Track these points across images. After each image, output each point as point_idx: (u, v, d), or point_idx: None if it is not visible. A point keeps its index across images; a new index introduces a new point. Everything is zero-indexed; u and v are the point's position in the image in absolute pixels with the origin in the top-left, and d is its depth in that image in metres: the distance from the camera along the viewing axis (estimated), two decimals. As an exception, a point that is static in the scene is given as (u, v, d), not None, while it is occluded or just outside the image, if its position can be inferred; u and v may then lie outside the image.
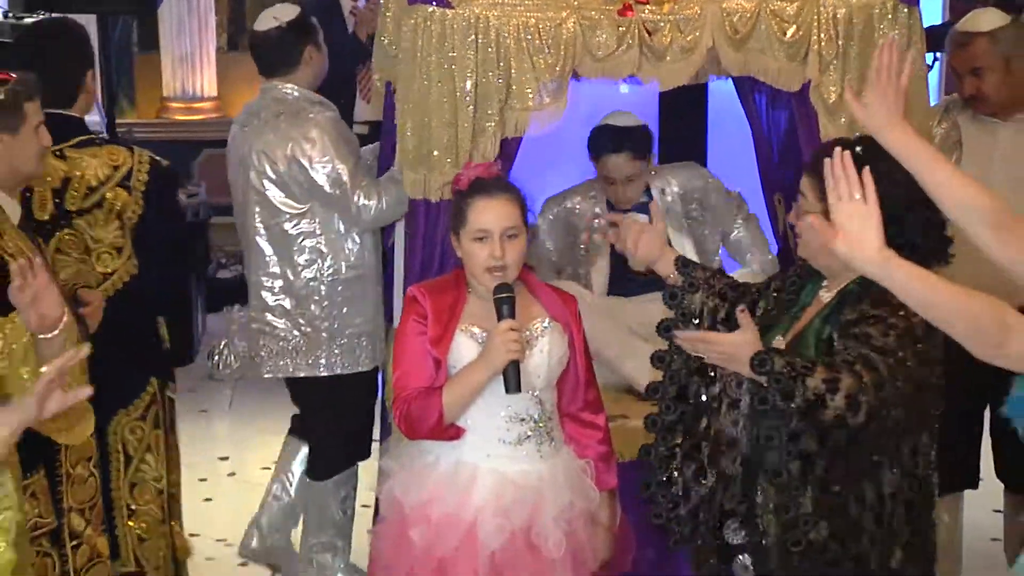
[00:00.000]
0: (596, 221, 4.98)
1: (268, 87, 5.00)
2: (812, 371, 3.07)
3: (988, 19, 4.72)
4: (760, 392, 3.15)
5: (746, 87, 4.78)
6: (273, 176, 4.90)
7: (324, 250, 4.91)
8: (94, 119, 7.31)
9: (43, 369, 3.06)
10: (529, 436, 3.74)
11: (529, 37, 4.14)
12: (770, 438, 3.22)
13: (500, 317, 3.60)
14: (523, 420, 3.72)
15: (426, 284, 3.91)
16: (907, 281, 2.60)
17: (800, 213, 3.41)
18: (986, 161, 4.75)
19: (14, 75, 3.87)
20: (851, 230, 2.64)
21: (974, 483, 4.99)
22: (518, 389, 3.61)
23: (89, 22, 7.11)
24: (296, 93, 4.95)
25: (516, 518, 3.67)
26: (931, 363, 3.32)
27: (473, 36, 4.13)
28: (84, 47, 4.81)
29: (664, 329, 3.57)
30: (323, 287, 4.92)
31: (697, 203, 5.00)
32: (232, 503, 5.83)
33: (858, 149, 3.23)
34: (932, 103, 5.03)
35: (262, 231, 4.96)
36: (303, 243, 4.92)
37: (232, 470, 6.29)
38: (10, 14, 7.55)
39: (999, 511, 5.33)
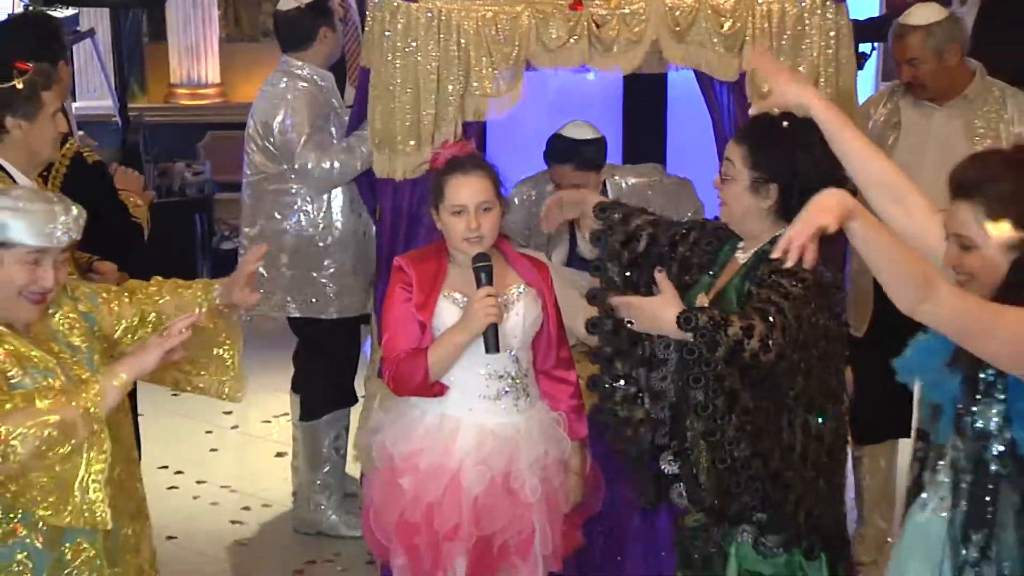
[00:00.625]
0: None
1: (283, 61, 5.06)
2: (731, 321, 3.08)
3: (924, 14, 4.73)
4: (688, 345, 3.14)
5: (705, 76, 4.76)
6: (256, 138, 5.00)
7: (295, 207, 4.98)
8: (106, 104, 7.37)
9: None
10: (507, 392, 3.75)
11: (486, 29, 4.12)
12: (697, 379, 3.21)
13: (479, 284, 3.61)
14: (501, 377, 3.73)
15: (411, 254, 3.92)
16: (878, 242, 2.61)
17: (724, 178, 3.40)
18: (922, 142, 4.77)
19: (32, 66, 3.89)
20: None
21: (907, 432, 5.00)
22: (496, 349, 3.63)
23: (102, 15, 7.18)
24: (305, 70, 4.99)
25: (496, 466, 3.69)
26: (835, 313, 3.36)
27: (435, 28, 4.12)
28: (55, 40, 4.77)
29: (592, 297, 3.54)
30: (292, 239, 5.00)
31: (652, 190, 4.91)
32: (235, 453, 5.87)
33: (785, 124, 3.30)
34: (872, 91, 5.08)
35: (247, 186, 5.12)
36: (280, 199, 5.01)
37: (235, 423, 6.29)
38: (30, 7, 7.55)
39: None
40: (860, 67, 6.22)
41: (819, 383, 3.40)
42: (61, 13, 7.58)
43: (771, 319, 3.12)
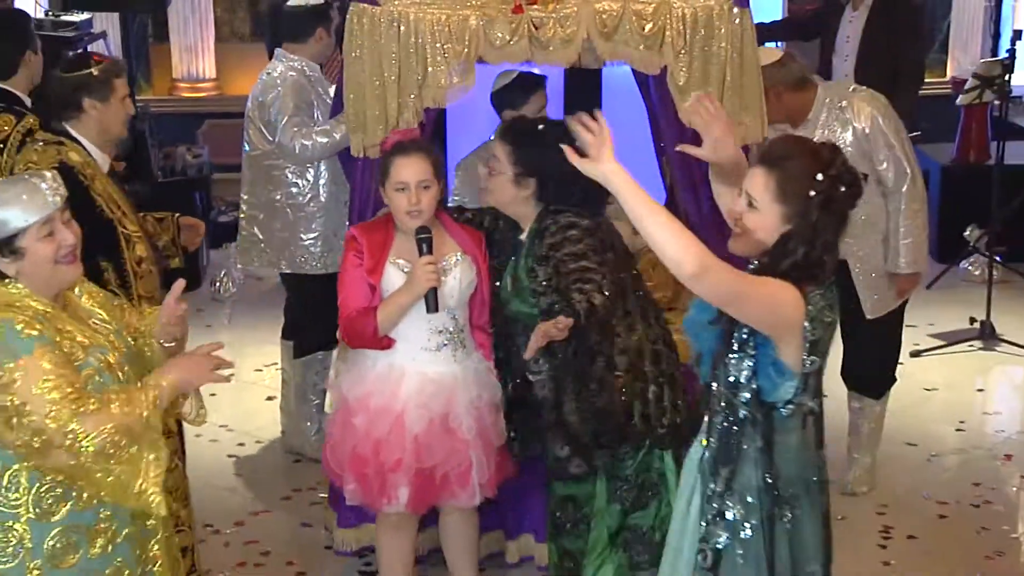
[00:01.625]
0: None
1: (280, 52, 5.07)
2: (588, 295, 3.44)
3: (761, 57, 4.58)
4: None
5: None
6: (253, 118, 5.03)
7: (286, 180, 5.01)
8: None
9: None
10: (446, 344, 3.78)
11: (440, 30, 4.10)
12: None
13: (421, 253, 3.64)
14: (440, 332, 3.76)
15: (362, 224, 3.94)
16: (623, 189, 2.64)
17: (493, 172, 3.68)
18: None
19: (107, 57, 4.08)
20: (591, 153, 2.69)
21: (893, 383, 5.09)
22: (436, 309, 3.66)
23: (113, 19, 7.17)
24: (297, 62, 5.00)
25: (435, 408, 3.73)
26: (610, 251, 3.66)
27: (396, 28, 4.10)
28: (21, 32, 4.72)
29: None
30: (283, 207, 5.05)
31: None
32: (231, 397, 5.83)
33: (540, 127, 3.68)
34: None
35: (247, 160, 5.15)
36: (273, 173, 5.05)
37: (230, 371, 6.29)
38: (50, 12, 7.49)
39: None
40: (766, 64, 6.26)
41: (625, 326, 3.70)
42: (77, 17, 7.54)
43: (586, 290, 3.47)
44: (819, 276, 2.78)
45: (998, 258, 6.97)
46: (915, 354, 6.26)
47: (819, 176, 2.72)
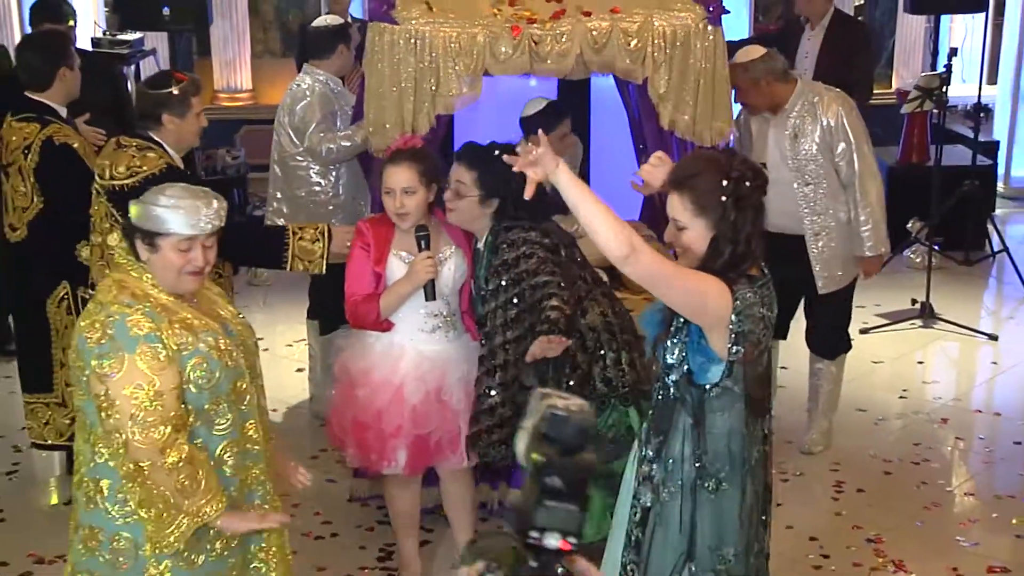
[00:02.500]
0: None
1: (307, 67, 5.05)
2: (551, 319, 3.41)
3: (745, 53, 4.72)
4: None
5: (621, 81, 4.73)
6: (282, 124, 5.00)
7: (309, 178, 4.99)
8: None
9: None
10: (440, 327, 3.76)
11: (451, 45, 4.10)
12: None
13: (420, 248, 3.63)
14: (435, 316, 3.75)
15: (370, 219, 3.92)
16: (568, 186, 2.61)
17: (457, 193, 3.64)
18: (764, 145, 4.79)
19: (187, 76, 4.03)
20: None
21: (784, 335, 5.12)
22: (434, 298, 3.67)
23: (162, 37, 7.17)
24: (323, 77, 4.98)
25: (430, 382, 3.72)
26: (557, 254, 3.63)
27: (412, 44, 4.10)
28: (58, 50, 4.67)
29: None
30: (307, 204, 5.04)
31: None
32: (265, 369, 5.80)
33: (497, 152, 3.42)
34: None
35: (276, 161, 5.10)
36: (298, 173, 5.03)
37: (265, 347, 6.26)
38: (107, 32, 7.47)
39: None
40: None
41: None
42: (131, 36, 7.53)
43: (552, 296, 3.45)
44: (750, 265, 2.74)
45: (936, 247, 7.01)
46: (864, 331, 6.26)
47: (724, 182, 2.68)
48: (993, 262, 7.46)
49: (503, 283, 3.58)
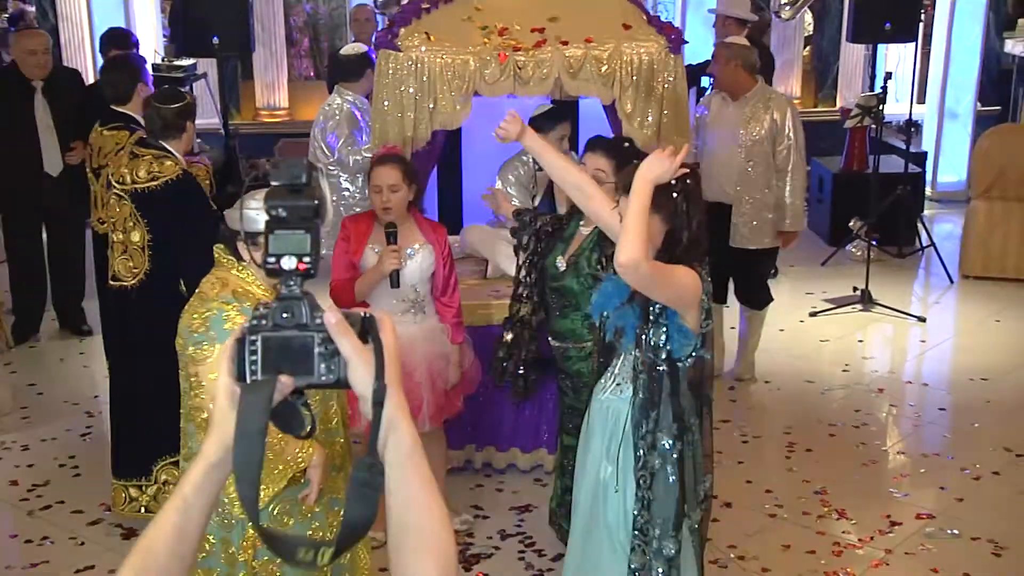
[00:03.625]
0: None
1: (338, 88, 5.02)
2: None
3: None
4: None
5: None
6: (316, 138, 4.97)
7: (339, 184, 4.98)
8: (215, 121, 7.33)
9: None
10: (409, 310, 3.73)
11: (447, 70, 4.05)
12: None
13: (388, 242, 3.59)
14: (404, 301, 3.71)
15: (352, 217, 3.92)
16: (542, 153, 2.87)
17: (597, 181, 3.33)
18: (718, 124, 5.10)
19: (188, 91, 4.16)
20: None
21: (724, 299, 5.28)
22: (397, 286, 3.62)
23: (212, 63, 7.13)
24: (351, 98, 4.94)
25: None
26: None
27: (413, 69, 4.05)
28: (135, 69, 4.71)
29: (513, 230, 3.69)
30: (336, 205, 5.11)
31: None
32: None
33: (626, 144, 3.45)
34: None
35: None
36: (329, 179, 5.03)
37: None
38: (165, 58, 7.44)
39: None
40: (701, 94, 6.19)
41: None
42: (186, 62, 7.49)
43: None
44: (702, 250, 2.77)
45: (874, 242, 6.94)
46: (813, 314, 6.23)
47: (674, 181, 2.66)
48: (922, 255, 7.42)
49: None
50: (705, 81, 6.24)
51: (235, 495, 2.44)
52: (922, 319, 6.29)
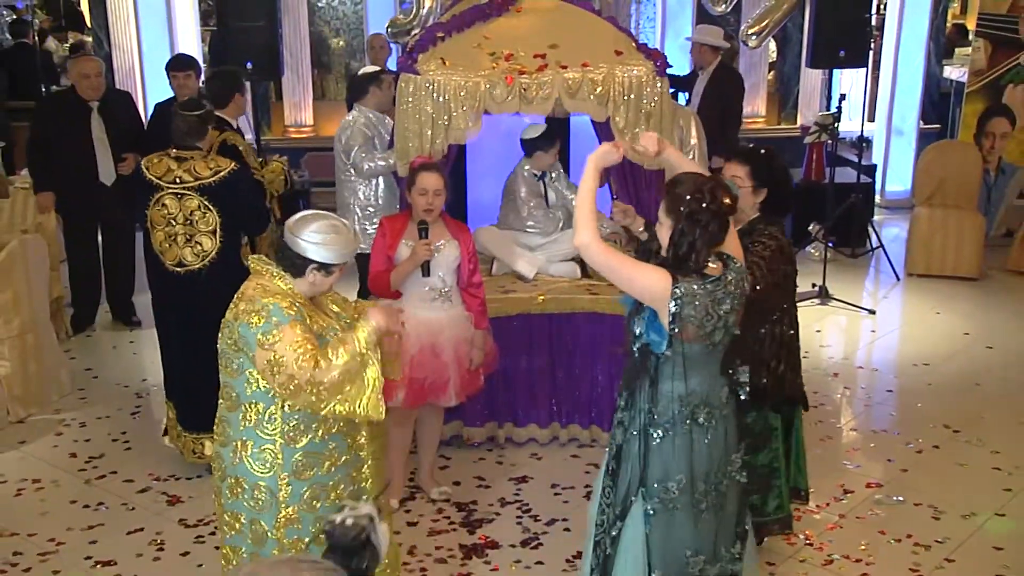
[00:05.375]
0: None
1: (356, 106, 5.00)
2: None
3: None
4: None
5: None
6: (337, 150, 4.96)
7: (358, 191, 4.94)
8: (250, 136, 7.32)
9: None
10: (436, 299, 3.72)
11: (460, 91, 4.06)
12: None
13: (420, 237, 3.61)
14: (432, 290, 3.71)
15: (389, 216, 3.92)
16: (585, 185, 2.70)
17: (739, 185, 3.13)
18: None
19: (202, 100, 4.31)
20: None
21: None
22: (428, 275, 3.64)
23: (247, 85, 7.14)
24: (366, 112, 4.92)
25: (426, 339, 3.68)
26: (791, 260, 3.32)
27: (430, 90, 4.06)
28: (233, 79, 4.97)
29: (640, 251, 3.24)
30: (354, 207, 4.98)
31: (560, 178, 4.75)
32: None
33: (762, 151, 3.29)
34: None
35: (336, 178, 5.06)
36: (348, 185, 4.98)
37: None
38: (205, 82, 7.44)
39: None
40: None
41: (780, 308, 3.36)
42: (222, 83, 7.46)
43: (753, 270, 3.03)
44: (690, 265, 2.59)
45: (830, 244, 6.98)
46: (775, 307, 6.22)
47: (688, 197, 2.59)
48: (872, 256, 7.42)
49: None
50: (680, 99, 6.26)
51: (267, 481, 2.53)
52: (872, 312, 6.30)
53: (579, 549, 3.65)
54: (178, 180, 3.95)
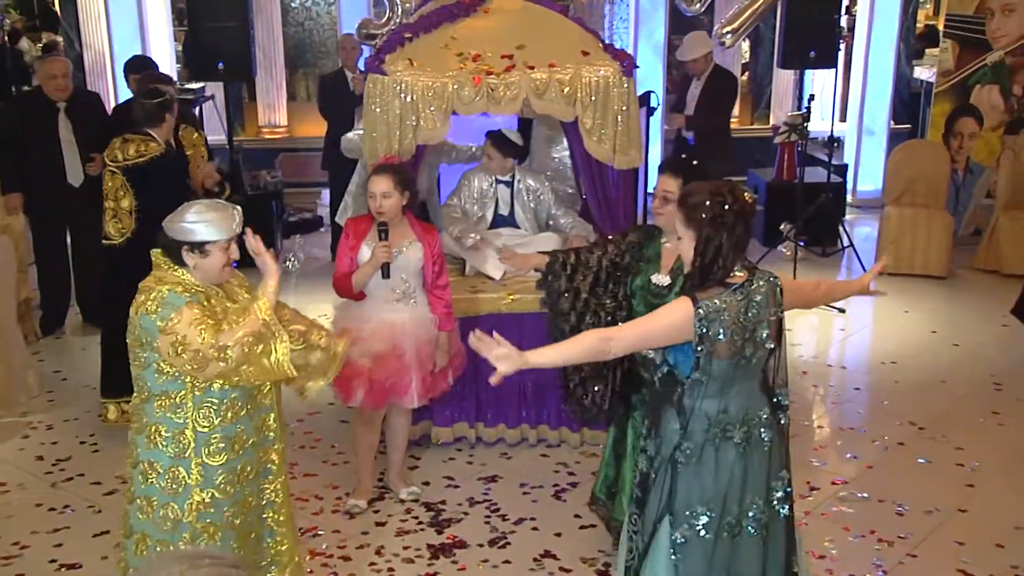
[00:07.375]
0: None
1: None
2: None
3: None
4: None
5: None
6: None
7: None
8: (222, 137, 7.29)
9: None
10: (400, 299, 3.71)
11: (427, 92, 4.05)
12: None
13: (380, 238, 3.61)
14: (395, 291, 3.70)
15: (353, 218, 3.89)
16: (544, 362, 2.49)
17: (665, 200, 3.11)
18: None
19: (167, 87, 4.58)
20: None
21: None
22: (388, 276, 3.63)
23: (219, 86, 7.12)
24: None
25: (389, 339, 3.67)
26: None
27: (398, 90, 4.05)
28: (163, 104, 4.73)
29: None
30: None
31: (534, 195, 4.68)
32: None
33: (695, 162, 3.16)
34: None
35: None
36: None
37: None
38: (177, 82, 7.38)
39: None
40: (651, 113, 6.22)
41: None
42: (195, 85, 7.43)
43: None
44: (716, 275, 2.49)
45: (802, 243, 7.02)
46: (746, 306, 6.25)
47: (707, 202, 2.49)
48: (843, 254, 7.46)
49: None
50: (655, 100, 6.28)
51: (180, 464, 2.56)
52: (842, 311, 6.33)
53: (547, 548, 3.67)
54: (115, 159, 4.29)
